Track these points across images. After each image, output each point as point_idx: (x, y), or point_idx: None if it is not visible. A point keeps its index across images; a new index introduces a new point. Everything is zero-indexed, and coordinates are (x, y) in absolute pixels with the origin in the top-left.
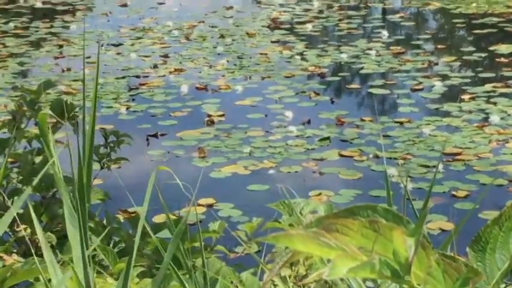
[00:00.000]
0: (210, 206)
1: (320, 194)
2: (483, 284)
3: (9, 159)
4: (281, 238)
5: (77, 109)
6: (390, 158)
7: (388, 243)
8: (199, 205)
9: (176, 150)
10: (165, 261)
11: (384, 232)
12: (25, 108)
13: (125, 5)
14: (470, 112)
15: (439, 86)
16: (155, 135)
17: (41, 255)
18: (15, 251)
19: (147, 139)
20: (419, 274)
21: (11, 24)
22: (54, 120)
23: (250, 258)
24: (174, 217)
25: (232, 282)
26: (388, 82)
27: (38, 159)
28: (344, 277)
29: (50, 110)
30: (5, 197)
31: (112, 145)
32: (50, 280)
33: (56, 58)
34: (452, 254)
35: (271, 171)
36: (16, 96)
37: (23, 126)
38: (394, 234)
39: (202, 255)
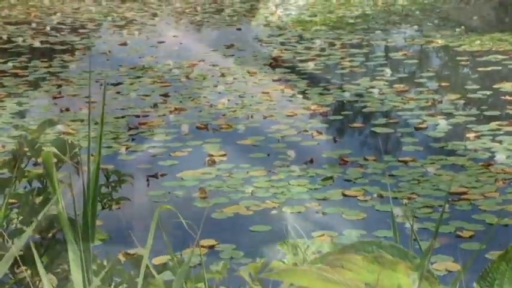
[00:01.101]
0: (211, 247)
1: (323, 234)
2: None
3: (10, 200)
4: (286, 274)
5: (76, 149)
6: (396, 198)
7: (393, 277)
8: (200, 246)
9: (177, 190)
10: None
11: (388, 267)
12: (26, 148)
13: (125, 44)
14: (475, 151)
15: (443, 124)
16: (155, 176)
17: None
18: None
19: (147, 179)
20: None
21: (10, 64)
22: (55, 160)
23: None
24: (175, 258)
25: None
26: (391, 121)
27: (38, 200)
28: None
29: (52, 150)
30: (7, 238)
31: (114, 185)
32: None
33: (55, 98)
34: None
35: (273, 212)
36: (16, 136)
37: (23, 166)
38: (398, 269)
39: None
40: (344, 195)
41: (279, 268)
